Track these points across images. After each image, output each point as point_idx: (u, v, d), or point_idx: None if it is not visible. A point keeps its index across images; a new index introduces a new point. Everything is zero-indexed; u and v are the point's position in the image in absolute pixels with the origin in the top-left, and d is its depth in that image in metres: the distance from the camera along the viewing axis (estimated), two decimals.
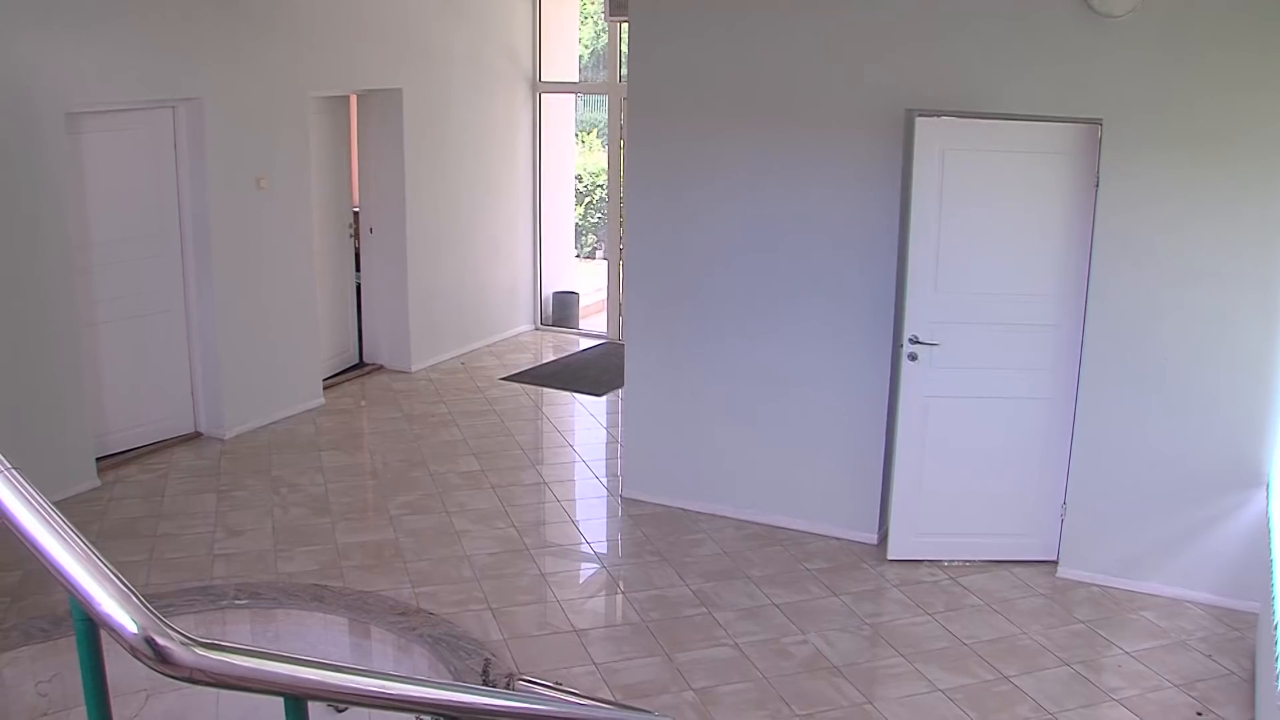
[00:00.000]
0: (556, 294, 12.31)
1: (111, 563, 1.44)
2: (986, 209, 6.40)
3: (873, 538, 7.04)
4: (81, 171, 7.71)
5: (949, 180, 6.34)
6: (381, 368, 10.57)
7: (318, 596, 6.00)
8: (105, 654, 1.49)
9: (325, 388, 9.68)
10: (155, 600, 5.95)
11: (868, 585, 6.53)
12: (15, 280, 7.08)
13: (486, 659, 5.45)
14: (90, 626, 1.47)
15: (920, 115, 6.31)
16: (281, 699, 1.57)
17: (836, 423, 7.04)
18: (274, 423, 8.99)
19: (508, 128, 11.44)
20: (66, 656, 5.33)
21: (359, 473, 8.15)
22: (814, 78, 6.73)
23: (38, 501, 1.51)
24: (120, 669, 5.67)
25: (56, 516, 1.50)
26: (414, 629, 5.69)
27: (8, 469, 1.53)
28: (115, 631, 1.42)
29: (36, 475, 1.59)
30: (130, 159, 8.08)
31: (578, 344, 11.73)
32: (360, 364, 10.59)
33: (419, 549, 6.85)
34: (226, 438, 8.63)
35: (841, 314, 6.89)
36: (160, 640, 1.41)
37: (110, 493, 7.58)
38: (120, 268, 8.05)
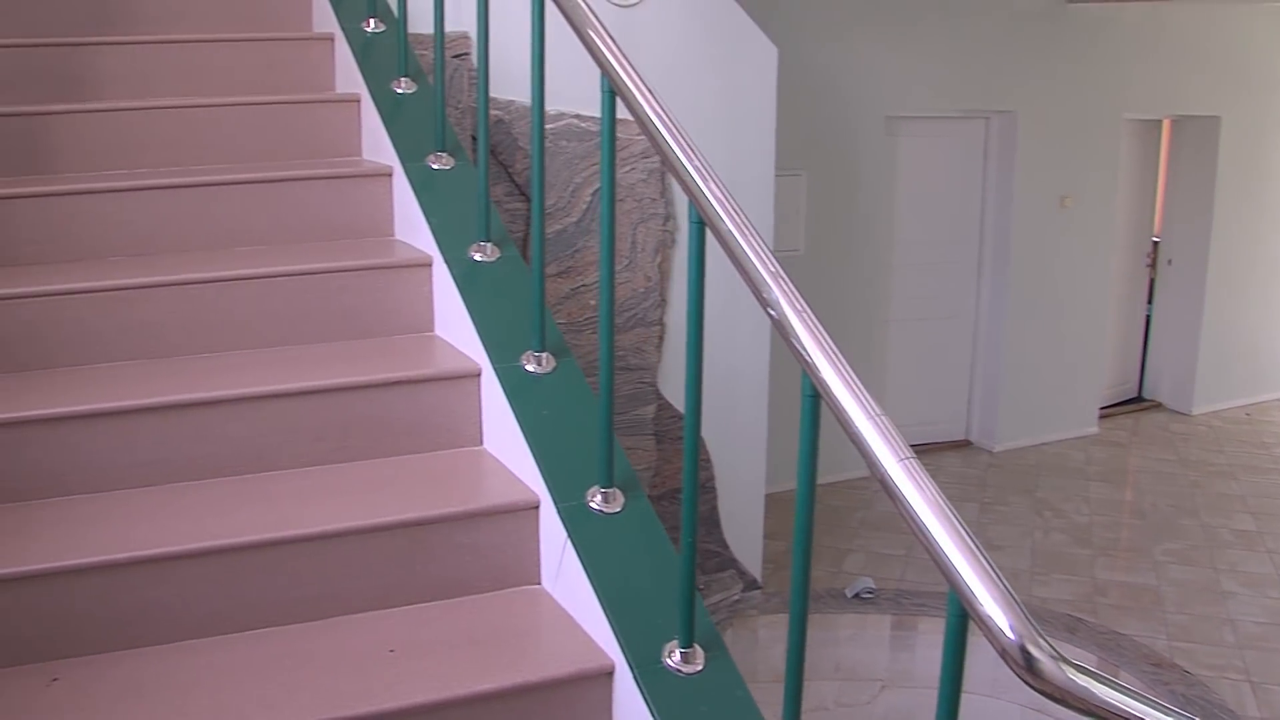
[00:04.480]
0: None
1: (870, 554, 1.49)
2: None
3: None
4: (895, 173, 8.21)
5: None
6: (1160, 405, 10.17)
7: (1071, 628, 5.96)
8: (841, 640, 1.55)
9: (1099, 417, 9.51)
10: (910, 597, 6.22)
11: None
12: (830, 271, 7.72)
13: None
14: (962, 621, 1.57)
15: None
16: None
17: None
18: (1043, 444, 8.99)
19: None
20: (816, 633, 5.69)
21: (1125, 510, 7.93)
22: None
23: (934, 494, 1.61)
24: (861, 656, 5.90)
25: (951, 511, 1.59)
26: (1166, 684, 5.48)
27: (907, 458, 1.64)
28: (991, 633, 1.51)
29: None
30: (940, 165, 8.48)
31: None
32: (1138, 398, 10.29)
33: (1180, 601, 6.54)
34: (995, 450, 8.78)
35: None
36: (1034, 651, 1.47)
37: (873, 485, 7.94)
38: (918, 269, 8.48)
